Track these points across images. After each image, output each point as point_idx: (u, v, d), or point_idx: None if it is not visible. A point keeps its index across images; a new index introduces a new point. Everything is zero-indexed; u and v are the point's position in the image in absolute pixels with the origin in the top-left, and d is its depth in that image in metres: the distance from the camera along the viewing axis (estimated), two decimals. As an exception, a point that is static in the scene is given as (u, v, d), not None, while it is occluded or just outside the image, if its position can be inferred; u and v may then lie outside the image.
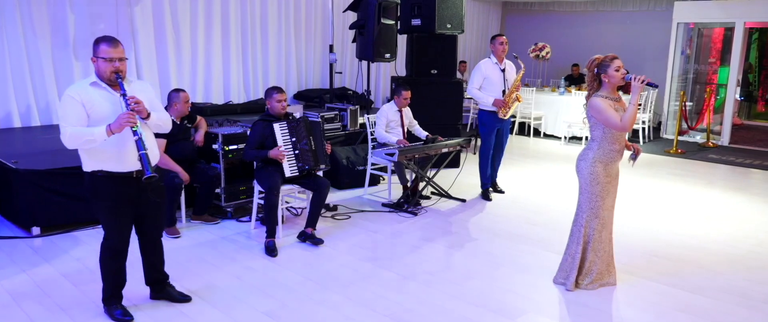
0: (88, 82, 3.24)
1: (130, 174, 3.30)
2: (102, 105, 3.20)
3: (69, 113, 3.15)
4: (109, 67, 3.18)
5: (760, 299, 3.89)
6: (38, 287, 3.90)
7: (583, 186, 3.88)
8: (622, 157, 3.88)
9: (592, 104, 3.73)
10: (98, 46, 3.21)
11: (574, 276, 3.94)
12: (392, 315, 3.58)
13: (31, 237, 4.81)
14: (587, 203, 3.86)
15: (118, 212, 3.32)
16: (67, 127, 3.13)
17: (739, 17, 9.86)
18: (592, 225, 3.87)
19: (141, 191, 3.33)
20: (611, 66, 3.70)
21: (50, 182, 4.79)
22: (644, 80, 3.62)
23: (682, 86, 10.83)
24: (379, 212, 5.77)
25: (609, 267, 4.03)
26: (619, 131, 3.72)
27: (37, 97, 7.01)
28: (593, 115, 3.75)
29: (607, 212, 3.90)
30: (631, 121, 3.63)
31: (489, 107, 6.08)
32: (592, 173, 3.81)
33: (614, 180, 3.91)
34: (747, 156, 9.07)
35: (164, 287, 3.73)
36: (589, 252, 3.92)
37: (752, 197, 6.59)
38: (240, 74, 9.08)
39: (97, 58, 3.20)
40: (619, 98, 3.80)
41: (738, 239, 5.14)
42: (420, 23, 7.34)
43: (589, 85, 3.83)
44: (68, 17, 7.07)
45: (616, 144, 3.79)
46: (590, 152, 3.83)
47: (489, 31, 14.13)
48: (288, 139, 4.82)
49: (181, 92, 5.06)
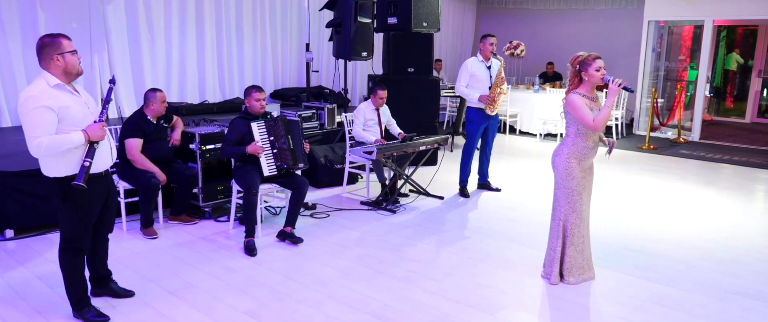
0: (47, 84, 3.07)
1: (101, 174, 3.31)
2: (73, 109, 3.12)
3: (41, 123, 3.01)
4: (77, 59, 3.14)
5: (732, 291, 3.99)
6: (13, 290, 3.84)
7: (559, 181, 3.94)
8: (597, 153, 3.95)
9: (569, 100, 3.80)
10: (59, 43, 3.09)
11: (557, 270, 4.00)
12: (373, 312, 3.60)
13: (4, 240, 4.72)
14: (564, 198, 3.92)
15: (88, 212, 3.29)
16: (40, 138, 3.01)
17: (709, 15, 10.07)
18: (570, 219, 3.93)
19: (109, 189, 3.41)
20: (592, 65, 3.77)
21: (23, 183, 4.71)
22: (622, 84, 3.69)
23: (653, 83, 11.03)
24: (358, 210, 5.78)
25: (588, 262, 4.10)
26: (591, 130, 3.79)
27: (8, 98, 6.86)
28: (569, 111, 3.82)
29: (585, 207, 3.97)
30: (603, 122, 3.70)
31: (477, 104, 6.13)
32: (567, 168, 3.87)
33: (589, 175, 3.98)
34: (717, 151, 9.28)
35: (108, 283, 3.72)
36: (569, 247, 3.97)
37: (722, 191, 6.75)
38: (215, 73, 9.00)
39: (63, 54, 3.07)
40: (595, 98, 3.87)
41: (709, 232, 5.26)
42: (396, 21, 7.37)
43: (570, 81, 3.90)
44: (39, 16, 6.93)
45: (590, 141, 3.87)
46: (565, 148, 3.90)
47: (464, 29, 14.22)
48: (266, 138, 4.80)
49: (157, 92, 5.01)
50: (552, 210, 4.03)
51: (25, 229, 4.84)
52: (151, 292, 3.83)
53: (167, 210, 5.26)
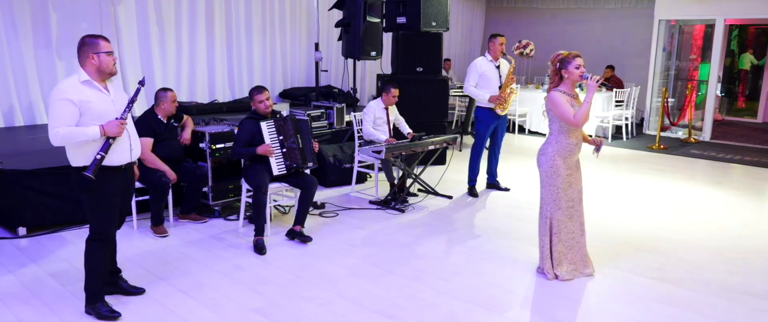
0: (78, 80, 3.26)
1: (121, 167, 3.40)
2: (97, 105, 3.28)
3: (63, 114, 3.19)
4: (111, 60, 3.30)
5: (740, 291, 3.97)
6: (25, 287, 3.88)
7: (544, 180, 4.04)
8: (581, 149, 4.05)
9: (550, 97, 3.90)
10: (97, 43, 3.26)
11: (549, 265, 4.08)
12: (381, 311, 3.61)
13: (17, 238, 4.78)
14: (549, 195, 4.02)
15: (110, 203, 3.39)
16: (59, 127, 3.17)
17: (720, 14, 10.01)
18: (555, 216, 4.02)
19: (127, 183, 3.51)
20: (572, 63, 3.87)
21: (36, 182, 4.76)
22: (599, 80, 3.82)
23: (663, 83, 10.97)
24: (367, 210, 5.79)
25: (584, 258, 4.14)
26: (572, 126, 3.88)
27: (20, 97, 6.93)
28: (551, 109, 3.92)
29: (572, 203, 4.03)
30: (584, 117, 3.80)
31: (486, 104, 6.13)
32: (552, 166, 3.97)
33: (575, 172, 4.06)
34: (727, 151, 9.21)
35: (116, 280, 3.76)
36: (556, 243, 4.04)
37: (732, 191, 6.71)
38: (225, 73, 9.05)
39: (98, 53, 3.24)
40: (576, 95, 3.98)
41: (719, 232, 5.24)
42: (405, 21, 7.37)
43: (551, 79, 4.02)
44: (51, 16, 7.00)
45: (573, 138, 3.96)
46: (549, 147, 4.00)
47: (473, 28, 14.20)
48: (275, 137, 4.82)
49: (168, 91, 5.05)
50: (539, 208, 4.11)
51: (38, 227, 4.89)
52: (162, 290, 3.86)
53: (177, 209, 5.30)
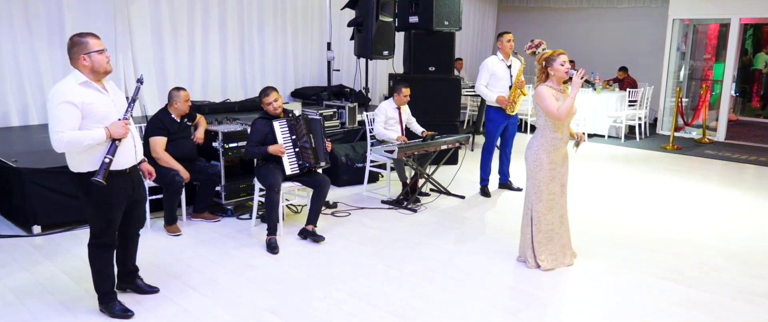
0: (76, 81, 3.14)
1: (126, 170, 3.34)
2: (98, 106, 3.17)
3: (66, 117, 3.07)
4: (104, 58, 3.17)
5: (758, 293, 3.93)
6: (40, 284, 3.91)
7: (528, 173, 4.21)
8: (567, 145, 4.20)
9: (537, 91, 4.07)
10: (86, 42, 3.14)
11: (531, 254, 4.25)
12: (394, 311, 3.61)
13: (31, 236, 4.81)
14: (532, 188, 4.19)
15: (113, 208, 3.33)
16: (63, 132, 3.07)
17: (735, 13, 9.91)
18: (536, 208, 4.18)
19: (135, 185, 3.44)
20: (557, 61, 4.06)
21: (50, 180, 4.79)
22: (583, 76, 3.95)
23: (677, 83, 10.88)
24: (379, 209, 5.79)
25: (564, 249, 4.30)
26: (556, 119, 4.00)
27: (35, 96, 6.99)
28: (538, 103, 4.06)
29: (553, 196, 4.17)
30: (567, 111, 3.94)
31: (496, 103, 6.12)
32: (536, 160, 4.13)
33: (560, 167, 4.19)
34: (742, 151, 9.13)
35: (134, 278, 3.77)
36: (536, 234, 4.20)
37: (747, 192, 6.64)
38: (237, 72, 9.08)
39: (89, 53, 3.13)
40: (563, 90, 4.13)
41: (734, 233, 5.19)
42: (418, 20, 7.36)
43: (538, 77, 4.19)
44: (65, 15, 7.05)
45: (559, 133, 4.10)
46: (535, 142, 4.16)
47: (485, 28, 14.15)
48: (288, 137, 4.82)
49: (181, 91, 5.07)
50: (524, 200, 4.30)
51: (52, 225, 4.91)
52: (175, 288, 3.88)
53: (190, 207, 5.32)
